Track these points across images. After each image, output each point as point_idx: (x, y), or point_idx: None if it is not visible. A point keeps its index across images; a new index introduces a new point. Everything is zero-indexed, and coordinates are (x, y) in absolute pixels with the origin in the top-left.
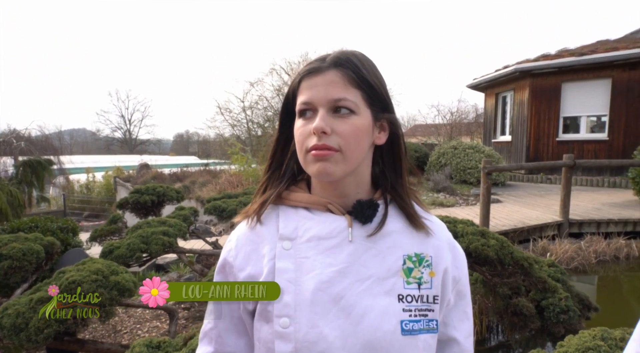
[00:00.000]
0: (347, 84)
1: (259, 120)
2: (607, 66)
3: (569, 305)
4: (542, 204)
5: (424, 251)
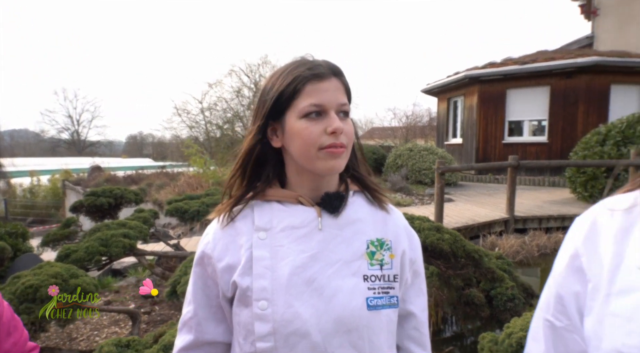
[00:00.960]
0: (344, 92)
1: (218, 122)
2: (546, 75)
3: (515, 293)
4: (490, 203)
5: (384, 237)
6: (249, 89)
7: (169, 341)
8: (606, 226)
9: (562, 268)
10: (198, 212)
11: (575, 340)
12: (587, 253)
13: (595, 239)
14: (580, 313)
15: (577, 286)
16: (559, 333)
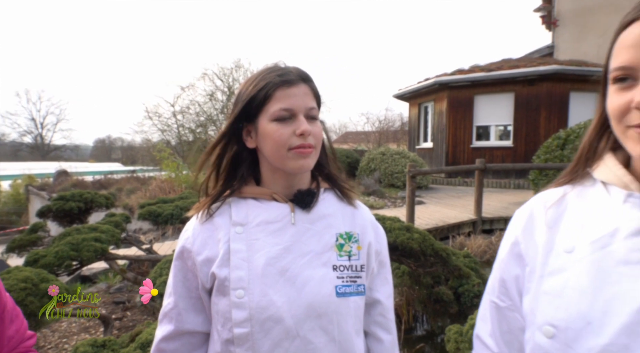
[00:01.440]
0: (313, 96)
1: (191, 125)
2: (510, 82)
3: (481, 290)
4: (459, 205)
5: (352, 230)
6: (222, 92)
7: (146, 339)
8: (540, 217)
9: (505, 255)
10: (172, 215)
11: (516, 318)
12: (525, 240)
13: (531, 228)
14: (520, 293)
15: (517, 270)
16: (503, 313)
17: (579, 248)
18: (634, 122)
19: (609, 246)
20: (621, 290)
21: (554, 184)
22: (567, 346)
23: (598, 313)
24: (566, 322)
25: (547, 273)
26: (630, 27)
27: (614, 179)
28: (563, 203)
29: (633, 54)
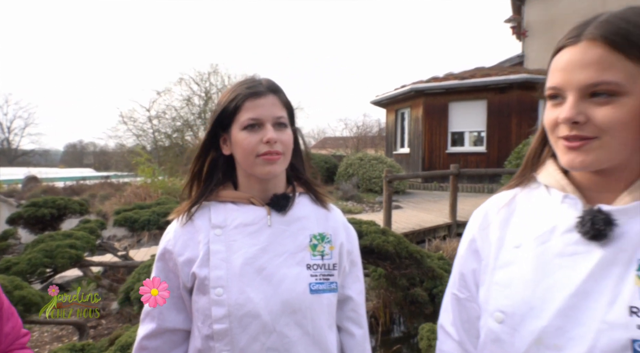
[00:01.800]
0: (282, 105)
1: (167, 130)
2: (483, 89)
3: None
4: (435, 209)
5: (325, 231)
6: (199, 97)
7: (126, 341)
8: (494, 217)
9: (463, 251)
10: (149, 221)
11: (474, 308)
12: (480, 238)
13: (486, 227)
14: (477, 285)
15: (474, 265)
16: (462, 304)
17: (525, 243)
18: (562, 134)
19: (549, 241)
20: (557, 279)
21: (506, 187)
22: (514, 329)
23: (539, 300)
24: (513, 308)
25: (498, 266)
26: (560, 53)
27: (553, 183)
28: (513, 204)
29: (561, 76)
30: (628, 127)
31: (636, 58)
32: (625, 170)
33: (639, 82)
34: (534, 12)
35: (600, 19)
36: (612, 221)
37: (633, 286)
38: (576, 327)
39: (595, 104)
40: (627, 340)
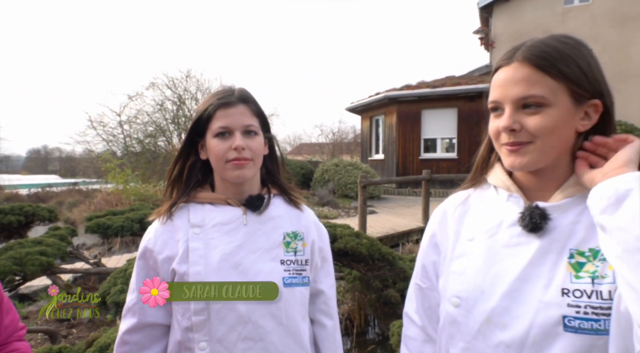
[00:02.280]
0: (252, 114)
1: (139, 135)
2: (454, 98)
3: None
4: (409, 214)
5: (298, 230)
6: (172, 102)
7: (105, 342)
8: (451, 214)
9: (425, 245)
10: (123, 227)
11: (434, 296)
12: (440, 233)
13: (445, 223)
14: (437, 276)
15: (434, 257)
16: (424, 293)
17: (477, 236)
18: (503, 141)
19: (497, 234)
20: (503, 266)
21: (462, 188)
22: (468, 311)
23: (488, 285)
24: (467, 293)
25: (455, 257)
26: (497, 72)
27: (500, 184)
28: (468, 202)
29: (499, 92)
30: (554, 132)
31: (555, 76)
32: (557, 171)
33: (559, 95)
34: (501, 24)
35: (528, 44)
36: (547, 216)
37: (565, 272)
38: (519, 306)
39: (527, 114)
40: (559, 316)
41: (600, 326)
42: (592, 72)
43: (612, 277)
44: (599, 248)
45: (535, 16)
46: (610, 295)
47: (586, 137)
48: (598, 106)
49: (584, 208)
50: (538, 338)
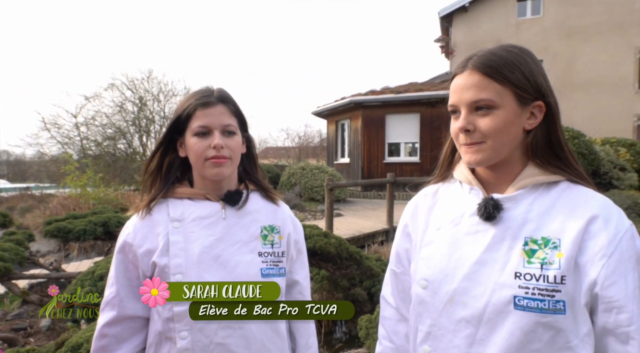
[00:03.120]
0: (231, 114)
1: (97, 138)
2: (416, 103)
3: None
4: (374, 216)
5: (274, 223)
6: (133, 104)
7: (77, 342)
8: (422, 205)
9: (399, 234)
10: (85, 231)
11: (407, 280)
12: (412, 223)
13: (416, 214)
14: (409, 262)
15: (407, 245)
16: (398, 277)
17: (443, 225)
18: (461, 142)
19: (460, 223)
20: (464, 252)
21: (431, 182)
22: (434, 292)
23: (451, 269)
24: (433, 276)
25: (424, 244)
26: (454, 79)
27: (463, 178)
28: (437, 195)
29: (455, 97)
30: (503, 131)
31: (501, 81)
32: (510, 165)
33: (506, 98)
34: (460, 34)
35: (479, 54)
36: (500, 206)
37: (519, 257)
38: (477, 287)
39: (479, 116)
40: (511, 296)
41: (545, 306)
42: (535, 76)
43: (558, 264)
44: (550, 237)
45: (491, 27)
46: (555, 279)
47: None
48: (542, 106)
49: (535, 198)
50: (493, 315)
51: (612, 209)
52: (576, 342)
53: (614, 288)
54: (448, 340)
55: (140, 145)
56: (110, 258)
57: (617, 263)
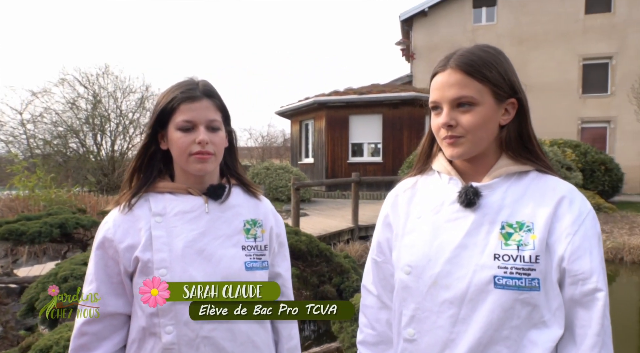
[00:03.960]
0: (216, 109)
1: (45, 136)
2: (379, 104)
3: (359, 285)
4: (339, 215)
5: (256, 217)
6: (86, 101)
7: (45, 345)
8: (402, 196)
9: (380, 225)
10: (40, 233)
11: (388, 268)
12: (392, 213)
13: (396, 205)
14: (390, 250)
15: (388, 235)
16: (379, 266)
17: (424, 214)
18: (442, 135)
19: (440, 211)
20: (445, 238)
21: (410, 175)
22: (418, 277)
23: (434, 254)
24: (416, 262)
25: (406, 233)
26: (435, 77)
27: (442, 169)
28: (416, 186)
29: (437, 94)
30: (482, 127)
31: (480, 80)
32: (486, 157)
33: (485, 96)
34: (420, 37)
35: (458, 53)
36: (479, 193)
37: (497, 240)
38: (459, 269)
39: (461, 112)
40: (491, 276)
41: (522, 283)
42: (509, 75)
43: (532, 245)
44: (524, 221)
45: (449, 32)
46: (530, 259)
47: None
48: (515, 103)
49: (509, 186)
50: (474, 294)
51: (576, 194)
52: (549, 316)
53: (580, 262)
54: (432, 322)
55: (95, 144)
56: (75, 260)
57: (581, 239)
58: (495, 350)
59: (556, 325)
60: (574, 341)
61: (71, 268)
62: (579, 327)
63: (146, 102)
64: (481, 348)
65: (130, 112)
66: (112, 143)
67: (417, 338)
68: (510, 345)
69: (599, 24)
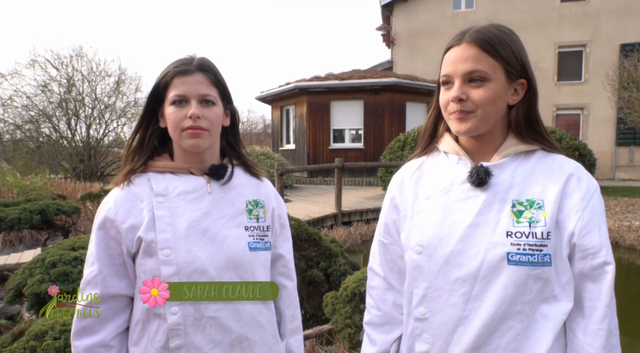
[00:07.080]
0: (210, 83)
1: (16, 120)
2: (360, 90)
3: (346, 269)
4: (321, 201)
5: (259, 198)
6: (59, 84)
7: (39, 330)
8: (408, 178)
9: (386, 207)
10: (19, 220)
11: (396, 250)
12: (399, 195)
13: (403, 186)
14: (398, 232)
15: (395, 216)
16: (387, 247)
17: (433, 195)
18: (451, 110)
19: (450, 191)
20: (457, 217)
21: (414, 156)
22: (429, 256)
23: (446, 233)
24: (428, 241)
25: (415, 213)
26: (449, 51)
27: (450, 149)
28: (422, 168)
29: (450, 67)
30: (492, 103)
31: (495, 56)
32: (493, 136)
33: (498, 73)
34: (400, 23)
35: (475, 29)
36: (490, 173)
37: (508, 218)
38: (471, 248)
39: (472, 87)
40: (504, 253)
41: (535, 259)
42: (521, 56)
43: (543, 222)
44: (534, 199)
45: (428, 18)
46: (542, 235)
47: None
48: (524, 84)
49: (517, 165)
50: (487, 272)
51: (582, 171)
52: (559, 291)
53: (589, 237)
54: (444, 300)
55: (69, 129)
56: (63, 245)
57: (590, 215)
58: (508, 325)
59: (566, 299)
60: (582, 313)
61: (59, 254)
62: (587, 299)
63: (122, 86)
64: (495, 324)
65: (106, 97)
66: (88, 129)
67: (428, 316)
68: (523, 319)
69: (574, 12)
